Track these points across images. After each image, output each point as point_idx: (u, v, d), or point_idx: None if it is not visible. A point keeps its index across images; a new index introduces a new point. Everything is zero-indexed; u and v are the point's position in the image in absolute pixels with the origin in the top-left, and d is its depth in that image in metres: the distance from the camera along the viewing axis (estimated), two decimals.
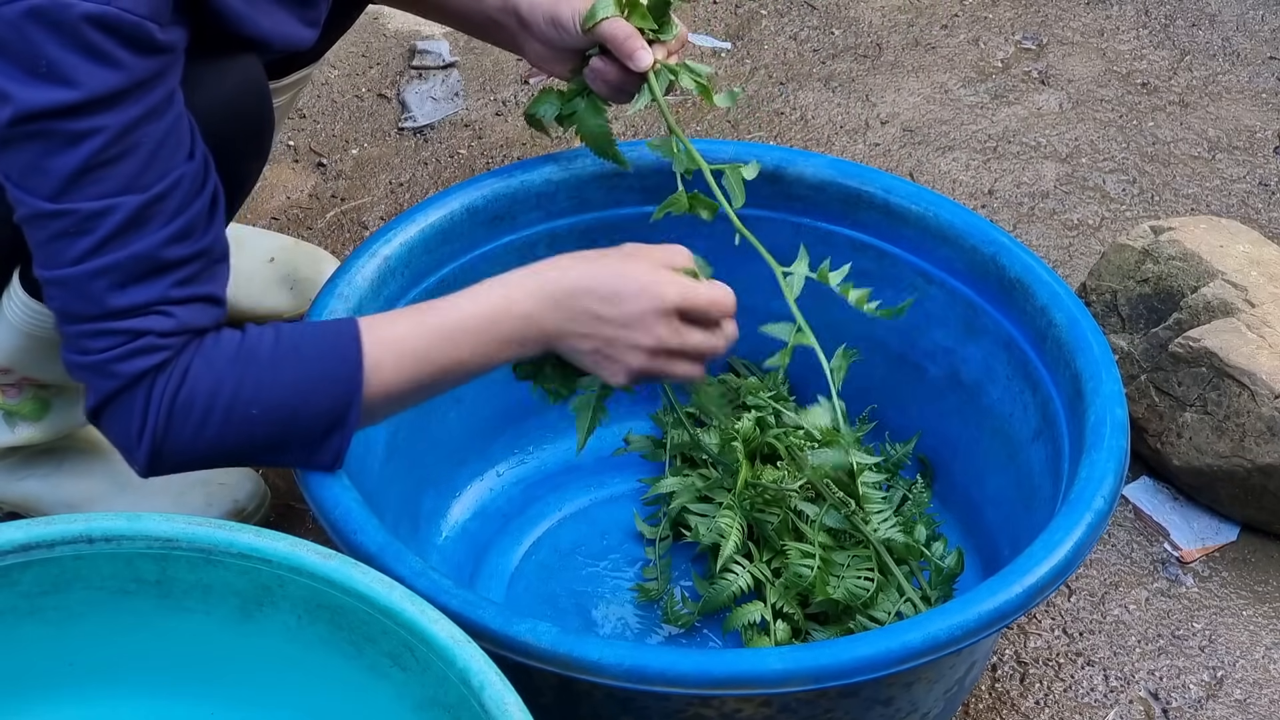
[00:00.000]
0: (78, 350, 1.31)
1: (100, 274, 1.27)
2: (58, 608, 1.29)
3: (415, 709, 1.25)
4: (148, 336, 1.29)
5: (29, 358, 1.58)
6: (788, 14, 2.73)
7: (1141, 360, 1.92)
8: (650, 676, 1.27)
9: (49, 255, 1.28)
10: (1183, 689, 1.71)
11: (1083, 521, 1.39)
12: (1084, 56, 2.66)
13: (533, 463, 1.84)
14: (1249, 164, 2.44)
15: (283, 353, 1.33)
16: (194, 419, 1.31)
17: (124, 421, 1.32)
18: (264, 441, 1.34)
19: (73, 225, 1.25)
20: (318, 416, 1.34)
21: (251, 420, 1.32)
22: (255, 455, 1.35)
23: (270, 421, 1.32)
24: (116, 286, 1.27)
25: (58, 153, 1.23)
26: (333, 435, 1.35)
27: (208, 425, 1.31)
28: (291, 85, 1.79)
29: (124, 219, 1.26)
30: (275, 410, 1.32)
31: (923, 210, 1.71)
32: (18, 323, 1.54)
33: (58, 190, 1.24)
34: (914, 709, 1.44)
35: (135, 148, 1.25)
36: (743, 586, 1.63)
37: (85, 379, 1.32)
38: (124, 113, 1.24)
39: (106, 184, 1.25)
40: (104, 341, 1.29)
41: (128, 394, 1.30)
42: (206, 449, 1.33)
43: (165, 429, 1.30)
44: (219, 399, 1.31)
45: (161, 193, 1.27)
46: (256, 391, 1.31)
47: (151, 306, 1.29)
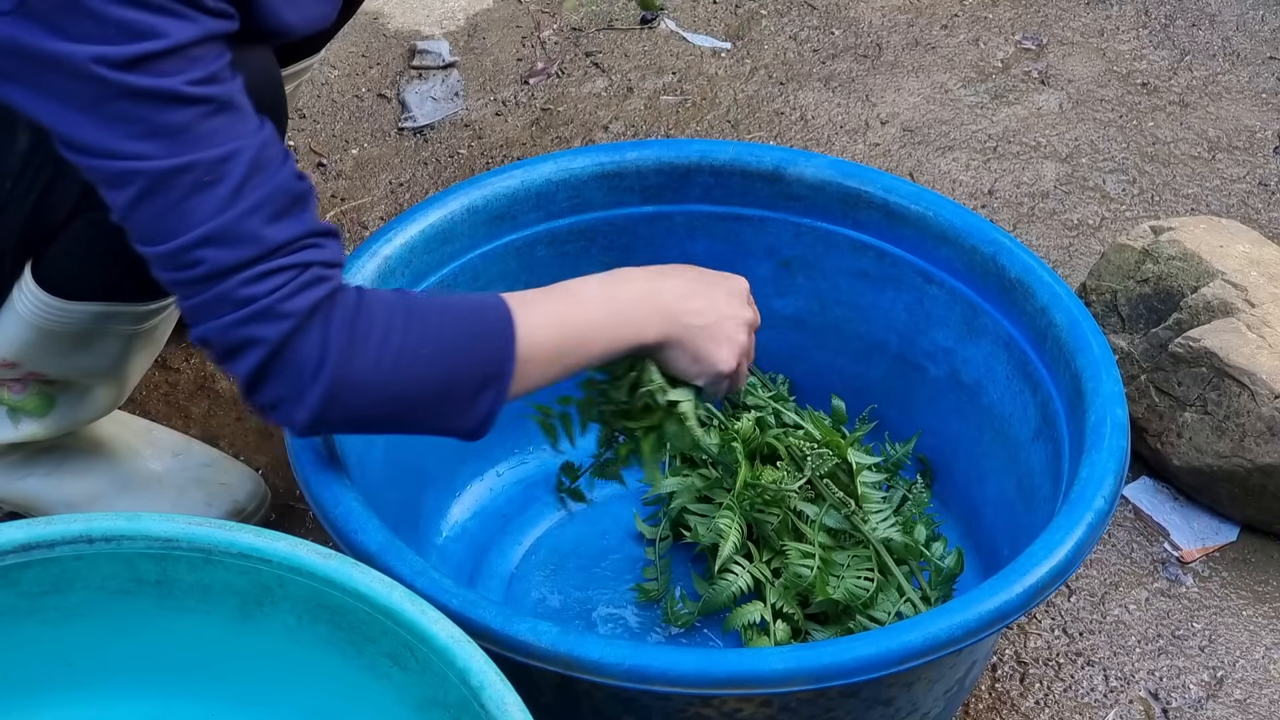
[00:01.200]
0: (237, 304, 1.25)
1: (253, 211, 1.24)
2: (58, 608, 1.29)
3: (415, 709, 1.25)
4: (314, 268, 1.26)
5: (38, 351, 1.58)
6: (788, 14, 2.73)
7: (1141, 360, 1.92)
8: (651, 676, 1.27)
9: (185, 215, 1.23)
10: (1183, 689, 1.71)
11: (1083, 521, 1.39)
12: (1084, 56, 2.66)
13: (533, 463, 1.84)
14: (1249, 164, 2.44)
15: (442, 305, 1.33)
16: (373, 347, 1.28)
17: (298, 365, 1.26)
18: (431, 386, 1.31)
19: (204, 174, 1.22)
20: (479, 366, 1.32)
21: (422, 361, 1.30)
22: (416, 405, 1.32)
23: (436, 364, 1.30)
24: (271, 221, 1.25)
25: (165, 110, 1.21)
26: (487, 389, 1.33)
27: (384, 357, 1.28)
28: (290, 78, 1.79)
29: (251, 160, 1.24)
30: (439, 351, 1.30)
31: (923, 210, 1.71)
32: (28, 316, 1.54)
33: (178, 145, 1.21)
34: (914, 709, 1.44)
35: (230, 99, 1.24)
36: (742, 587, 1.63)
37: (249, 334, 1.25)
38: (209, 66, 1.23)
39: (220, 132, 1.23)
40: (270, 282, 1.25)
41: (300, 334, 1.26)
42: (381, 387, 1.29)
43: (347, 357, 1.27)
44: (394, 331, 1.29)
45: (268, 137, 1.27)
46: (425, 331, 1.30)
47: (306, 238, 1.27)
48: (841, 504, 1.64)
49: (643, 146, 1.76)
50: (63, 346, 1.58)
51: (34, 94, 1.22)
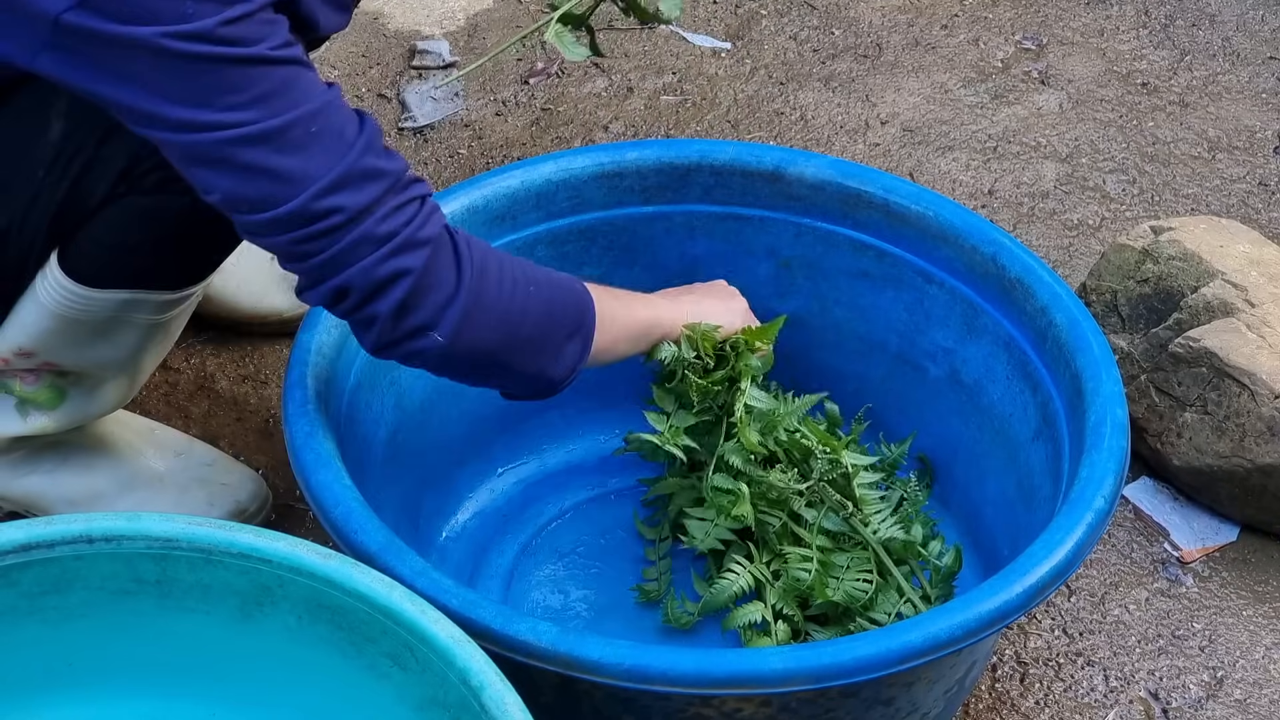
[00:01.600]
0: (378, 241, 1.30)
1: (366, 151, 1.29)
2: (58, 608, 1.29)
3: (415, 709, 1.25)
4: (429, 199, 1.35)
5: (56, 340, 1.58)
6: (788, 14, 2.73)
7: (1141, 360, 1.92)
8: (651, 676, 1.27)
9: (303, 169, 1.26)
10: (1183, 689, 1.71)
11: (1083, 522, 1.39)
12: (1084, 56, 2.66)
13: (533, 463, 1.84)
14: (1249, 164, 2.44)
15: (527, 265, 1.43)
16: (494, 273, 1.37)
17: (437, 289, 1.33)
18: (538, 320, 1.40)
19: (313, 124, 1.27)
20: (569, 312, 1.44)
21: (529, 295, 1.40)
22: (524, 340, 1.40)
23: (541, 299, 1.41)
24: (384, 157, 1.31)
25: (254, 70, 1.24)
26: (574, 340, 1.44)
27: (504, 284, 1.37)
28: None
29: (341, 107, 1.31)
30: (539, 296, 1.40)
31: (923, 210, 1.71)
32: (50, 304, 1.54)
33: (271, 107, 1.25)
34: (914, 709, 1.44)
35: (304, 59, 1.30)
36: (743, 587, 1.63)
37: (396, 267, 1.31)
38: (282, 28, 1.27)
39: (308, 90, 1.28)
40: (403, 215, 1.31)
41: (440, 255, 1.33)
42: (501, 313, 1.37)
43: (480, 278, 1.36)
44: (505, 263, 1.39)
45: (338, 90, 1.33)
46: (525, 272, 1.41)
47: (406, 170, 1.34)
48: (840, 506, 1.64)
49: (643, 146, 1.76)
50: (82, 336, 1.58)
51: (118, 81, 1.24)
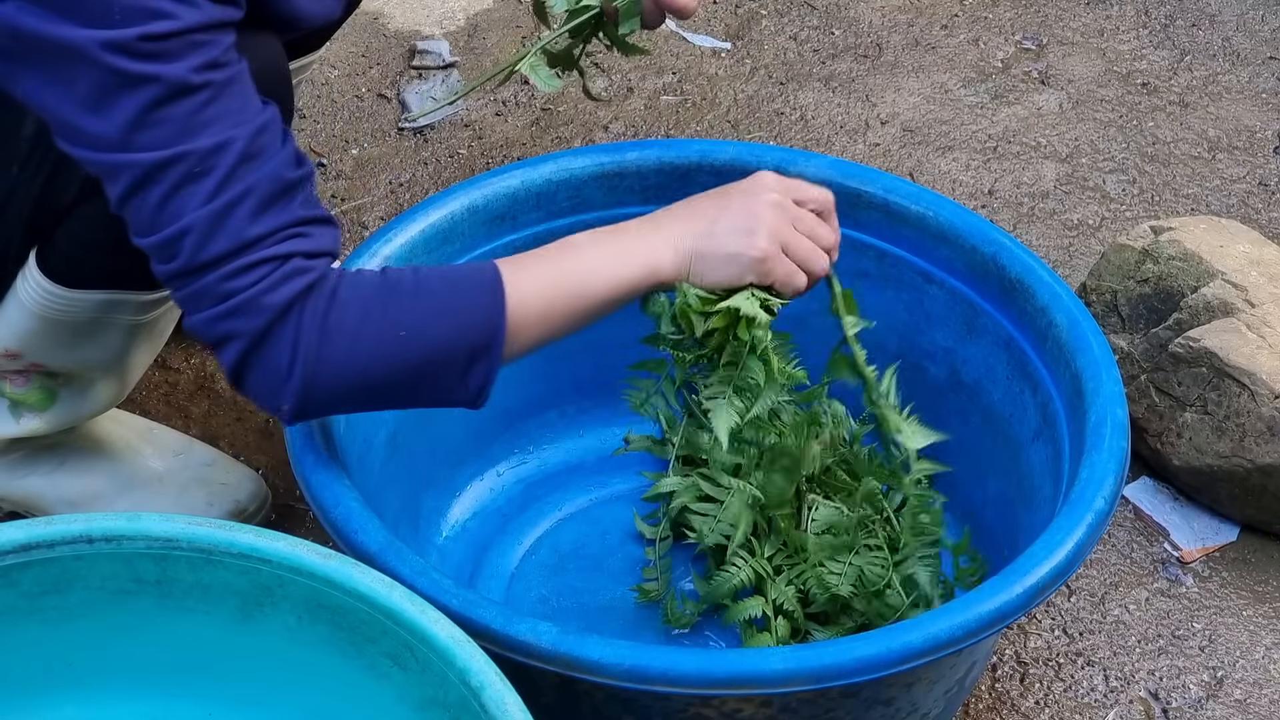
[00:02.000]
0: (217, 299, 1.26)
1: (237, 203, 1.24)
2: (58, 608, 1.29)
3: (415, 709, 1.25)
4: (294, 260, 1.27)
5: (41, 341, 1.58)
6: (788, 14, 2.73)
7: (1141, 360, 1.92)
8: (651, 676, 1.27)
9: (173, 209, 1.24)
10: (1183, 689, 1.71)
11: (1083, 522, 1.39)
12: (1084, 56, 2.66)
13: (533, 463, 1.84)
14: (1249, 164, 2.44)
15: (425, 281, 1.32)
16: (346, 338, 1.28)
17: (274, 359, 1.27)
18: (411, 367, 1.31)
19: (195, 165, 1.23)
20: (464, 340, 1.31)
21: (400, 343, 1.29)
22: (401, 387, 1.32)
23: (419, 344, 1.30)
24: (254, 213, 1.25)
25: (163, 99, 1.21)
26: (478, 363, 1.32)
27: (359, 346, 1.28)
28: (294, 73, 1.79)
29: (242, 150, 1.24)
30: (422, 332, 1.30)
31: (923, 210, 1.71)
32: (31, 305, 1.54)
33: (171, 137, 1.22)
34: (914, 709, 1.44)
35: (230, 83, 1.25)
36: (744, 580, 1.63)
37: (228, 328, 1.27)
38: (212, 51, 1.23)
39: (216, 123, 1.23)
40: (251, 275, 1.25)
41: (278, 326, 1.26)
42: (358, 375, 1.29)
43: (319, 351, 1.27)
44: (370, 318, 1.29)
45: (263, 125, 1.27)
46: (403, 313, 1.30)
47: (290, 228, 1.27)
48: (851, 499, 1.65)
49: (643, 146, 1.76)
50: (66, 336, 1.58)
51: (37, 81, 1.22)
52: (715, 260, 1.39)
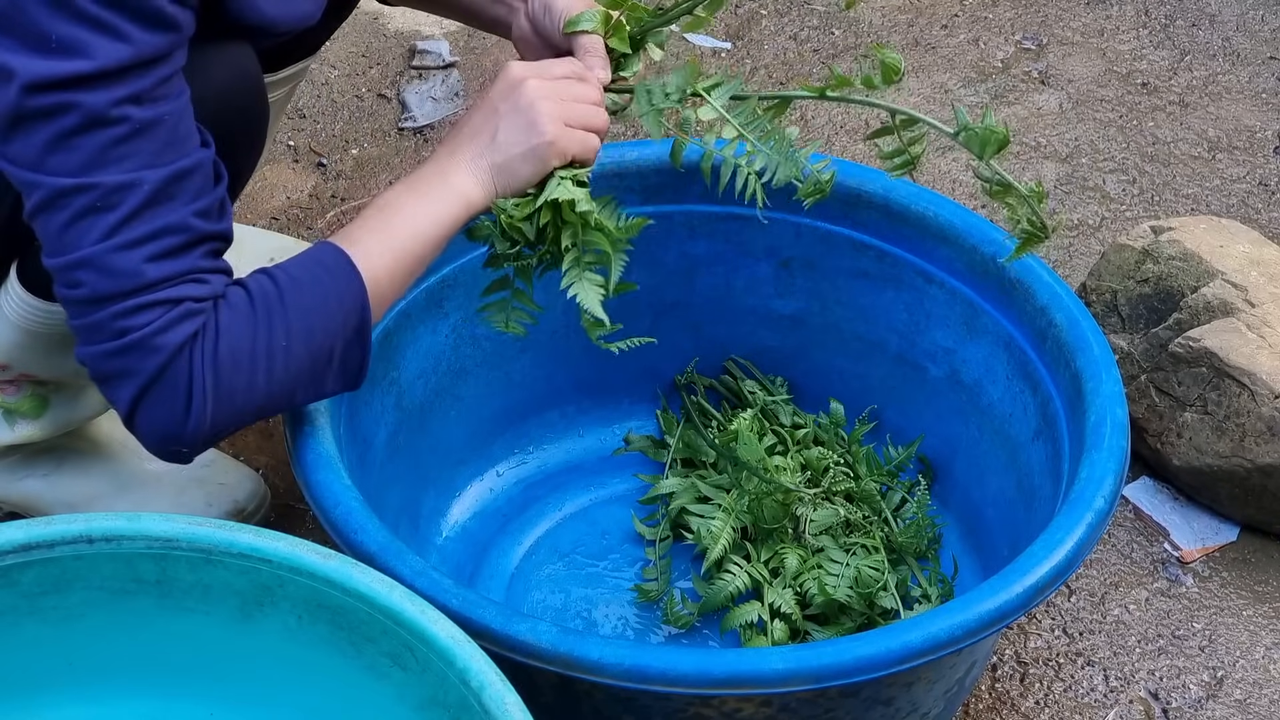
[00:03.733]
0: (111, 335, 1.27)
1: (133, 245, 1.25)
2: (58, 608, 1.29)
3: (415, 709, 1.25)
4: (185, 303, 1.27)
5: (27, 354, 1.58)
6: (788, 14, 2.73)
7: (1141, 360, 1.92)
8: (651, 676, 1.27)
9: (73, 236, 1.25)
10: (1183, 689, 1.71)
11: (1083, 521, 1.39)
12: (1084, 56, 2.66)
13: (533, 463, 1.84)
14: (1249, 164, 2.44)
15: (286, 286, 1.33)
16: (242, 371, 1.29)
17: (169, 400, 1.28)
18: (303, 372, 1.33)
19: (98, 199, 1.23)
20: (339, 329, 1.34)
21: (288, 353, 1.31)
22: (296, 391, 1.34)
23: (303, 350, 1.32)
24: (153, 257, 1.25)
25: (77, 128, 1.21)
26: (355, 344, 1.36)
27: (255, 372, 1.30)
28: (288, 79, 1.78)
29: (150, 192, 1.24)
30: (304, 337, 1.32)
31: (923, 210, 1.71)
32: (15, 318, 1.53)
33: (80, 166, 1.22)
34: (914, 709, 1.44)
35: (155, 123, 1.24)
36: (740, 586, 1.64)
37: (122, 366, 1.28)
38: (137, 85, 1.23)
39: (130, 160, 1.23)
40: (145, 316, 1.26)
41: (171, 368, 1.27)
42: (259, 398, 1.32)
43: (215, 390, 1.28)
44: (258, 344, 1.30)
45: (184, 170, 1.27)
46: (283, 326, 1.31)
47: (186, 275, 1.28)
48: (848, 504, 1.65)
49: (643, 146, 1.76)
50: (52, 348, 1.57)
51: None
52: (513, 165, 1.42)
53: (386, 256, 1.38)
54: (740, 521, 1.68)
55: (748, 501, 1.68)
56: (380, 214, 1.40)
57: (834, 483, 1.73)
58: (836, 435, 1.81)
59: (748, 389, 1.84)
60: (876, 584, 1.61)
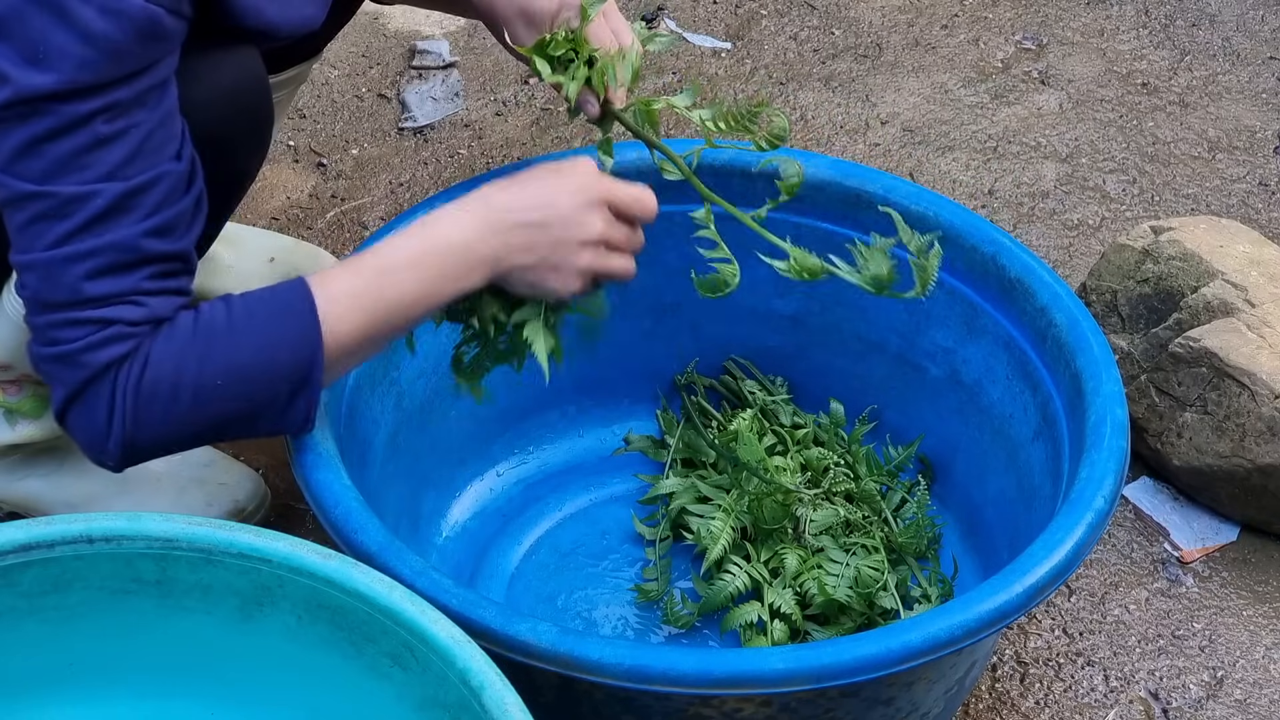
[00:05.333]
0: (46, 341, 1.29)
1: (76, 259, 1.26)
2: (58, 608, 1.29)
3: (415, 709, 1.25)
4: (116, 325, 1.28)
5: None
6: (788, 14, 2.73)
7: (1141, 360, 1.92)
8: (651, 676, 1.27)
9: (26, 239, 1.27)
10: (1183, 689, 1.71)
11: (1083, 521, 1.39)
12: (1084, 56, 2.66)
13: (533, 463, 1.84)
14: (1249, 164, 2.44)
15: (238, 321, 1.31)
16: (161, 402, 1.29)
17: (91, 415, 1.30)
18: (234, 413, 1.32)
19: (52, 208, 1.25)
20: (282, 378, 1.32)
21: (218, 392, 1.30)
22: (227, 429, 1.34)
23: (237, 392, 1.30)
24: (92, 274, 1.26)
25: (47, 136, 1.22)
26: (299, 396, 1.33)
27: (176, 406, 1.30)
28: (289, 81, 1.79)
29: (104, 206, 1.25)
30: (239, 379, 1.30)
31: (923, 210, 1.71)
32: (17, 318, 1.53)
33: (42, 173, 1.24)
34: (914, 709, 1.44)
35: (124, 135, 1.25)
36: (740, 587, 1.64)
37: (52, 372, 1.30)
38: (116, 96, 1.23)
39: (90, 170, 1.24)
40: (74, 331, 1.28)
41: (95, 385, 1.29)
42: (179, 430, 1.31)
43: (134, 417, 1.29)
44: (184, 378, 1.29)
45: (144, 184, 1.27)
46: (219, 363, 1.30)
47: (124, 296, 1.28)
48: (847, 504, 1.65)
49: (643, 146, 1.76)
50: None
51: None
52: (525, 285, 1.42)
53: (359, 321, 1.34)
54: (740, 522, 1.68)
55: (748, 502, 1.68)
56: (376, 276, 1.36)
57: (834, 483, 1.73)
58: (836, 435, 1.81)
59: (748, 389, 1.85)
60: (876, 584, 1.62)
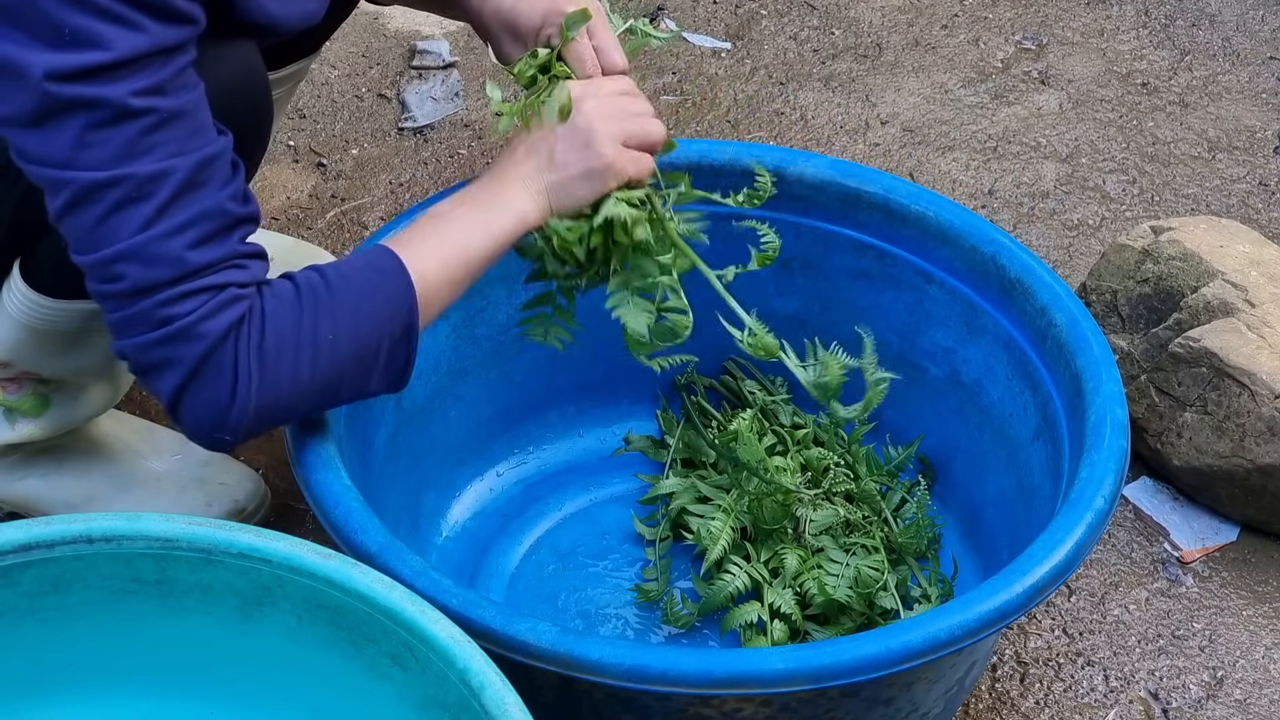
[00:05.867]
0: (154, 324, 1.27)
1: (176, 232, 1.25)
2: (58, 608, 1.29)
3: (415, 709, 1.25)
4: (230, 289, 1.28)
5: (29, 351, 1.58)
6: (788, 14, 2.73)
7: (1141, 360, 1.92)
8: (651, 676, 1.27)
9: (110, 230, 1.25)
10: (1183, 689, 1.71)
11: (1083, 521, 1.39)
12: (1084, 56, 2.66)
13: (533, 463, 1.84)
14: (1249, 164, 2.44)
15: (336, 281, 1.34)
16: (286, 359, 1.30)
17: (213, 389, 1.29)
18: (349, 370, 1.33)
19: (133, 190, 1.23)
20: (387, 330, 1.34)
21: (334, 348, 1.32)
22: (343, 387, 1.35)
23: (351, 347, 1.32)
24: (194, 244, 1.26)
25: (104, 121, 1.22)
26: (402, 345, 1.36)
27: (300, 362, 1.31)
28: (288, 79, 1.79)
29: (184, 179, 1.25)
30: (353, 333, 1.32)
31: (923, 210, 1.71)
32: (18, 315, 1.54)
33: (111, 158, 1.22)
34: (914, 709, 1.44)
35: (180, 113, 1.25)
36: (740, 587, 1.64)
37: (167, 354, 1.28)
38: (158, 75, 1.23)
39: (159, 149, 1.24)
40: (190, 303, 1.26)
41: (216, 354, 1.28)
42: (301, 389, 1.32)
43: (260, 376, 1.29)
44: (303, 334, 1.31)
45: (211, 156, 1.27)
46: (331, 319, 1.32)
47: (229, 260, 1.28)
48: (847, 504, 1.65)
49: None
50: (54, 345, 1.57)
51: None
52: (570, 185, 1.43)
53: (437, 262, 1.38)
54: (740, 522, 1.68)
55: (748, 502, 1.68)
56: (433, 223, 1.41)
57: (834, 483, 1.73)
58: (836, 435, 1.81)
59: (748, 389, 1.85)
60: (876, 584, 1.62)
